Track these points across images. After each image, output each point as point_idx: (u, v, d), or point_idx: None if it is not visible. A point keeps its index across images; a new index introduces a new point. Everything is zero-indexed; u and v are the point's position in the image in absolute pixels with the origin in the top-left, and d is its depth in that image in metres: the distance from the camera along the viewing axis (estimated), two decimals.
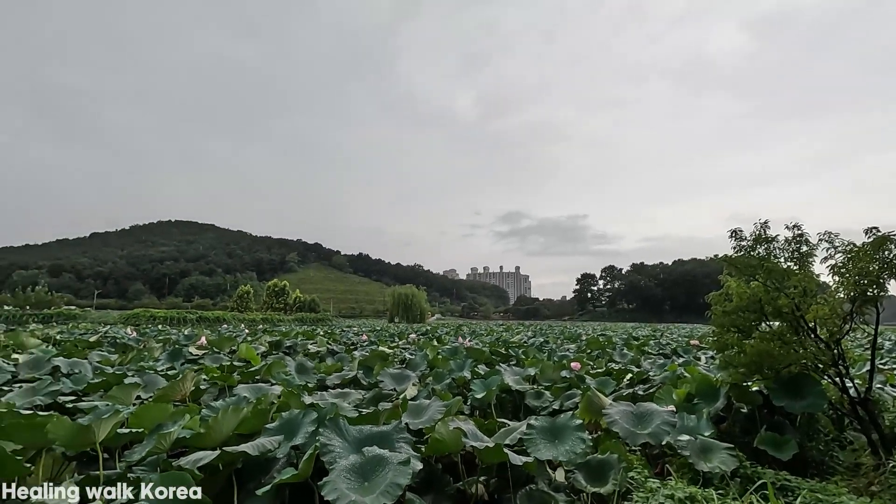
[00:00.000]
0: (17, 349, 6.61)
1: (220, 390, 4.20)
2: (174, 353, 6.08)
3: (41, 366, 4.78)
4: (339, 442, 1.87)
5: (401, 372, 4.54)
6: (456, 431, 2.22)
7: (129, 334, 11.85)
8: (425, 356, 5.78)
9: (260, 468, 2.13)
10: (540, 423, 2.45)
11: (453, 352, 6.65)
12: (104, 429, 2.10)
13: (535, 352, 7.67)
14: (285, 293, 75.85)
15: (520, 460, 2.10)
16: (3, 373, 4.33)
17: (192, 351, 6.28)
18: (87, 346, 7.66)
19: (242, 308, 65.93)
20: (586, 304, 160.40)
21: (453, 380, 4.58)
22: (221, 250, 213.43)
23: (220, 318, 43.63)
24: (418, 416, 2.66)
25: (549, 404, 4.04)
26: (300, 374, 4.75)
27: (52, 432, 2.02)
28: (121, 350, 7.50)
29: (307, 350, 7.82)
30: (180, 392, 3.65)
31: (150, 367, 5.00)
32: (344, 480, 1.57)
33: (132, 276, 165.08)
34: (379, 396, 3.87)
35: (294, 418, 2.27)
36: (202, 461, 1.86)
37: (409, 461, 1.63)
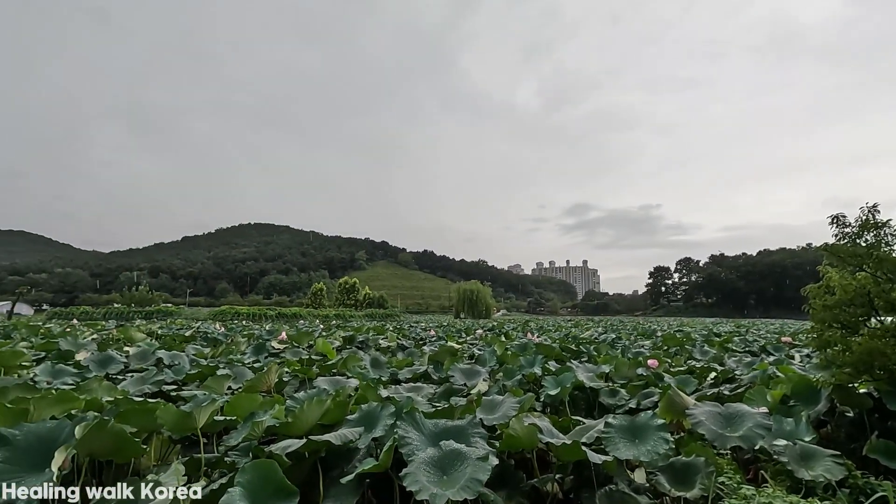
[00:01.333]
0: (126, 342, 7.37)
1: (300, 382, 4.43)
2: (258, 347, 6.52)
3: (147, 357, 5.30)
4: (416, 435, 1.92)
5: (471, 367, 4.57)
6: (531, 428, 2.20)
7: (218, 329, 12.84)
8: (494, 352, 5.77)
9: (342, 457, 2.23)
10: (618, 421, 2.36)
11: (522, 348, 6.58)
12: (204, 416, 2.29)
13: (608, 348, 7.41)
14: (355, 290, 78.75)
15: (598, 459, 2.04)
16: (117, 363, 4.84)
17: (274, 345, 6.69)
18: (184, 341, 8.39)
19: (316, 305, 69.26)
20: (660, 299, 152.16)
21: (523, 376, 4.53)
22: (296, 250, 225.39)
23: (296, 315, 46.12)
24: (492, 412, 2.66)
25: (624, 402, 3.89)
26: (374, 369, 4.91)
27: (160, 417, 2.23)
28: (212, 344, 8.15)
29: (378, 345, 8.07)
30: (266, 383, 3.91)
31: (238, 360, 5.38)
32: (424, 473, 1.61)
33: (218, 275, 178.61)
34: (450, 391, 3.91)
35: (372, 411, 2.35)
36: (290, 448, 1.98)
37: (487, 457, 1.64)
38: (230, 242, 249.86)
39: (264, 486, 1.69)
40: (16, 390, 3.11)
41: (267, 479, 1.71)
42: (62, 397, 2.35)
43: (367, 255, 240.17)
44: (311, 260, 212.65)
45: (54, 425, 1.75)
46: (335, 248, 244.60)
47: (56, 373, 4.09)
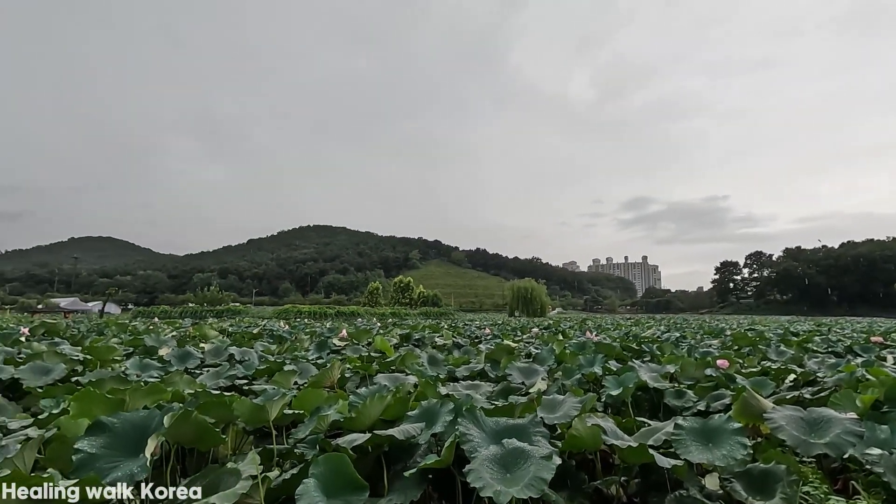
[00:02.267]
0: (201, 339, 7.90)
1: (361, 378, 4.57)
2: (321, 344, 6.77)
3: (220, 353, 5.65)
4: (477, 432, 1.92)
5: (528, 366, 4.52)
6: (595, 429, 2.14)
7: (283, 327, 13.48)
8: (552, 351, 5.67)
9: (403, 452, 2.27)
10: (689, 423, 2.25)
11: (581, 347, 6.42)
12: (275, 409, 2.41)
13: (671, 347, 7.08)
14: (410, 289, 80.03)
15: (667, 463, 1.95)
16: (194, 358, 5.20)
17: (335, 342, 6.93)
18: (252, 338, 8.87)
19: (373, 303, 71.05)
20: (728, 296, 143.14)
21: (583, 375, 4.43)
22: (353, 250, 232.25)
23: (354, 313, 47.49)
24: (553, 412, 2.62)
25: (692, 404, 3.70)
26: (431, 366, 4.97)
27: (236, 410, 2.38)
28: (277, 341, 8.56)
29: (434, 343, 8.16)
30: (329, 379, 4.06)
31: (303, 357, 5.62)
32: (487, 470, 1.61)
33: (281, 275, 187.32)
34: (508, 389, 3.89)
35: (432, 407, 2.39)
36: (356, 442, 2.05)
37: (551, 456, 1.62)
38: (291, 244, 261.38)
39: (336, 478, 1.76)
40: (111, 382, 3.42)
41: (338, 471, 1.78)
42: (152, 389, 2.56)
43: (420, 255, 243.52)
44: (367, 260, 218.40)
45: (146, 414, 1.91)
46: (390, 247, 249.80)
47: (143, 367, 4.45)
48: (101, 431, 1.77)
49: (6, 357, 4.50)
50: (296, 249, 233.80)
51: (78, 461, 1.65)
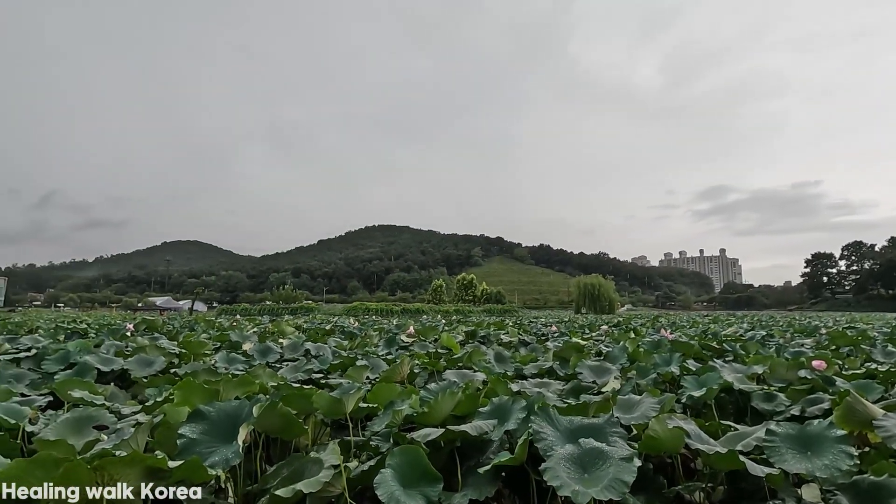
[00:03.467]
0: (280, 335, 8.39)
1: (429, 374, 4.64)
2: (389, 340, 6.96)
3: (297, 349, 5.97)
4: (551, 431, 1.89)
5: (599, 364, 4.38)
6: (676, 431, 2.04)
7: (353, 324, 14.01)
8: (623, 349, 5.46)
9: (475, 448, 2.28)
10: (784, 429, 2.08)
11: (655, 345, 6.13)
12: (351, 402, 2.51)
13: (757, 346, 6.57)
14: (473, 286, 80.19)
15: (760, 471, 1.82)
16: (274, 353, 5.54)
17: (403, 339, 7.10)
18: (325, 334, 9.29)
19: (437, 300, 71.95)
20: (821, 291, 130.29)
21: (659, 375, 4.22)
22: (416, 248, 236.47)
23: (419, 310, 48.33)
24: (628, 412, 2.52)
25: (784, 409, 3.41)
26: (498, 363, 4.95)
27: (316, 402, 2.50)
28: (348, 337, 8.92)
29: (500, 340, 8.12)
30: (399, 374, 4.16)
31: (373, 353, 5.81)
32: (563, 469, 1.58)
33: (349, 274, 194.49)
34: (578, 388, 3.79)
35: (504, 404, 2.38)
36: (429, 437, 2.08)
37: (632, 458, 1.56)
38: (358, 244, 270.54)
39: (412, 470, 1.81)
40: (203, 374, 3.73)
41: (414, 463, 1.83)
42: (242, 381, 2.76)
43: (482, 252, 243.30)
44: (430, 258, 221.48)
45: (238, 404, 2.06)
46: (452, 245, 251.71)
47: (230, 360, 4.80)
48: (201, 419, 1.94)
49: (117, 350, 5.04)
50: (362, 249, 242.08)
51: (182, 445, 1.82)
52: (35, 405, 2.93)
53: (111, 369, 4.28)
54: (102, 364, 4.26)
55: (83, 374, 3.89)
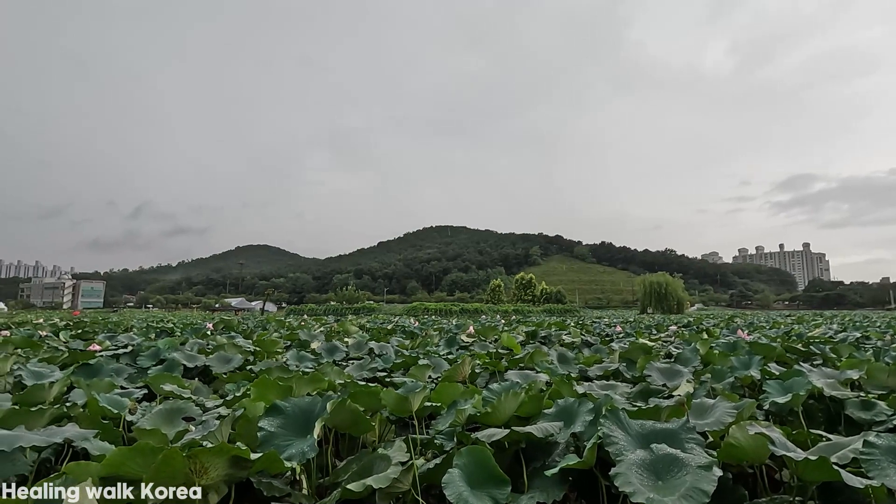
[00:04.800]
0: (344, 334, 8.70)
1: (490, 374, 4.63)
2: (449, 340, 7.02)
3: (362, 348, 6.16)
4: (621, 435, 1.83)
5: (669, 367, 4.18)
6: (759, 438, 1.90)
7: (413, 324, 14.25)
8: (695, 350, 5.17)
9: (541, 450, 2.25)
10: (886, 441, 1.89)
11: (731, 347, 5.75)
12: (416, 401, 2.56)
13: (851, 349, 5.98)
14: (532, 285, 79.07)
15: (860, 482, 1.66)
16: (340, 352, 5.75)
17: (463, 339, 7.13)
18: (387, 333, 9.52)
19: (495, 300, 71.63)
20: None
21: (736, 378, 3.96)
22: (473, 248, 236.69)
23: (477, 310, 48.31)
24: (703, 417, 2.38)
25: (885, 418, 3.08)
26: (562, 364, 4.86)
27: (383, 399, 2.58)
28: (409, 336, 9.08)
29: (562, 340, 7.95)
30: (461, 374, 4.18)
31: (434, 352, 5.88)
32: (635, 475, 1.52)
33: (408, 275, 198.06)
34: (647, 391, 3.64)
35: (569, 406, 2.33)
36: (494, 437, 2.08)
37: (711, 466, 1.47)
38: (416, 245, 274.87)
39: (479, 470, 1.82)
40: (277, 371, 3.94)
41: (481, 464, 1.83)
42: (313, 378, 2.90)
43: (541, 251, 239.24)
44: (488, 257, 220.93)
45: (311, 400, 2.16)
46: (509, 244, 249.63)
47: (300, 358, 5.04)
48: (277, 413, 2.05)
49: (199, 348, 5.44)
50: (420, 250, 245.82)
51: (262, 437, 1.94)
52: (133, 397, 3.23)
53: (195, 365, 4.63)
54: (188, 361, 4.62)
55: (172, 370, 4.24)
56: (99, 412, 2.62)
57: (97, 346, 5.38)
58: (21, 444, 1.88)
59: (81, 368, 4.03)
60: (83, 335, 8.76)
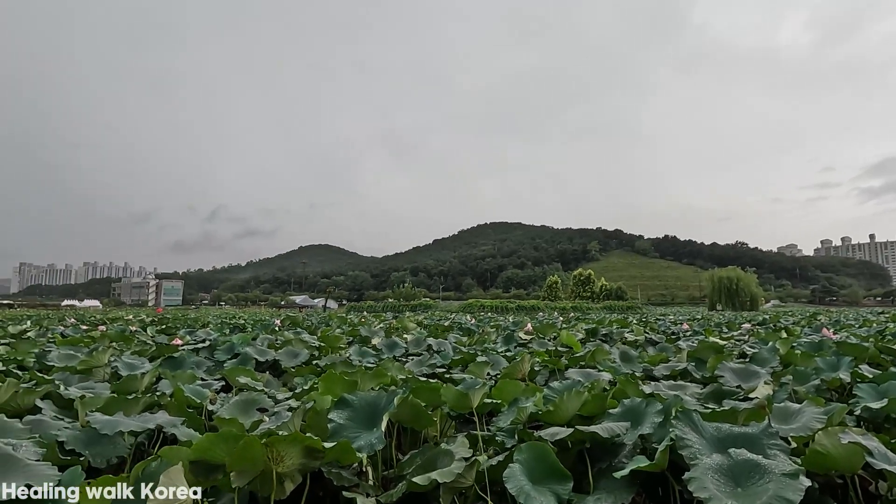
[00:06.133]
0: (403, 331, 8.87)
1: (550, 372, 4.56)
2: (507, 337, 6.98)
3: (420, 344, 6.26)
4: (695, 437, 1.74)
5: (744, 367, 3.92)
6: (853, 447, 1.75)
7: (469, 321, 14.29)
8: (774, 350, 4.82)
9: (605, 451, 2.19)
10: None
11: (816, 346, 5.31)
12: (477, 397, 2.57)
13: None
14: (590, 282, 76.96)
15: None
16: (399, 348, 5.87)
17: (521, 336, 7.06)
18: (444, 330, 9.60)
19: (552, 297, 70.35)
20: None
21: (822, 381, 3.66)
22: (529, 245, 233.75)
23: (534, 307, 47.67)
24: (786, 422, 2.22)
25: None
26: (625, 363, 4.70)
27: (444, 395, 2.61)
28: (466, 333, 9.12)
29: (624, 338, 7.68)
30: (520, 372, 4.15)
31: (492, 349, 5.87)
32: (711, 480, 1.44)
33: (463, 272, 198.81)
34: (720, 392, 3.44)
35: (636, 406, 2.25)
36: (557, 436, 2.05)
37: (797, 474, 1.37)
38: (471, 242, 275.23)
39: (540, 466, 1.80)
40: (341, 366, 4.09)
41: (542, 460, 1.82)
42: (377, 373, 2.99)
43: (599, 246, 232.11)
44: (544, 254, 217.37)
45: (376, 394, 2.23)
46: (566, 240, 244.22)
47: (362, 353, 5.20)
48: (346, 406, 2.14)
49: (269, 343, 5.75)
50: (475, 247, 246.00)
51: (332, 429, 2.02)
52: (212, 388, 3.47)
53: (266, 360, 4.90)
54: (259, 355, 4.90)
55: (245, 363, 4.52)
56: (184, 401, 2.84)
57: (179, 341, 5.83)
58: (121, 428, 2.08)
59: (167, 361, 4.38)
60: (166, 330, 9.53)
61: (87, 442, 2.14)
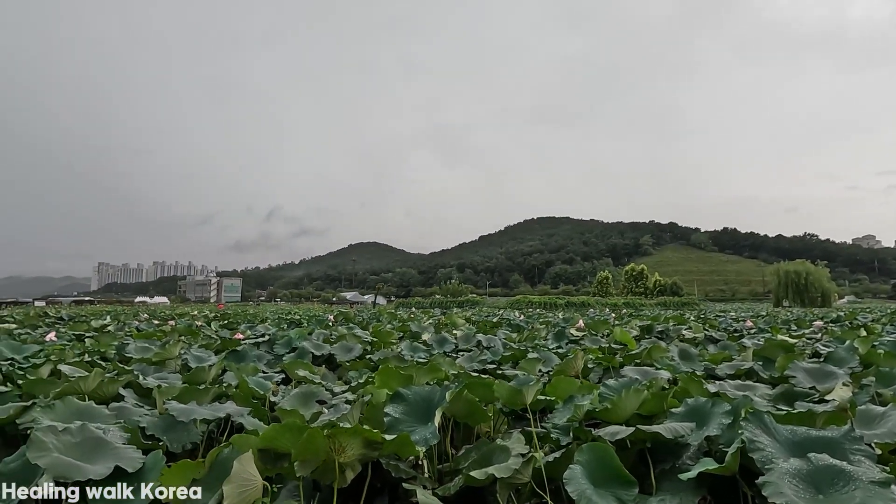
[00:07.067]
0: (452, 327, 8.92)
1: (604, 370, 4.44)
2: (558, 334, 6.86)
3: (470, 340, 6.27)
4: (768, 441, 1.64)
5: (819, 367, 3.66)
6: None
7: (518, 317, 14.17)
8: (852, 349, 4.47)
9: (668, 452, 2.11)
10: None
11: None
12: (530, 393, 2.55)
13: None
14: (643, 277, 74.33)
15: None
16: (449, 343, 5.91)
17: (573, 333, 6.92)
18: (493, 326, 9.57)
19: (603, 293, 68.55)
20: None
21: None
22: (577, 239, 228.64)
23: (584, 303, 46.64)
24: (870, 426, 2.06)
25: None
26: (684, 361, 4.51)
27: (497, 391, 2.60)
28: (516, 329, 9.04)
29: (682, 336, 7.37)
30: (574, 369, 4.07)
31: (543, 346, 5.79)
32: (789, 486, 1.36)
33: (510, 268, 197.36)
34: (791, 394, 3.23)
35: (701, 406, 2.15)
36: (618, 435, 2.00)
37: (888, 483, 1.26)
38: (518, 237, 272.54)
39: (601, 468, 1.76)
40: (393, 360, 4.17)
41: (604, 462, 1.77)
42: (430, 368, 3.03)
43: (652, 240, 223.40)
44: (594, 248, 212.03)
45: (430, 389, 2.26)
46: (617, 234, 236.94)
47: (413, 349, 5.28)
48: (401, 400, 2.18)
49: (324, 338, 5.95)
50: (522, 242, 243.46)
51: (388, 422, 2.07)
52: (273, 380, 3.64)
53: (322, 354, 5.08)
54: (315, 349, 5.08)
55: (303, 357, 4.69)
56: (249, 392, 2.99)
57: (241, 335, 6.13)
58: (195, 416, 2.22)
59: (231, 354, 4.62)
60: (228, 325, 10.06)
61: (165, 428, 2.30)
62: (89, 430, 1.83)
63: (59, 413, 2.14)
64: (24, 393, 2.90)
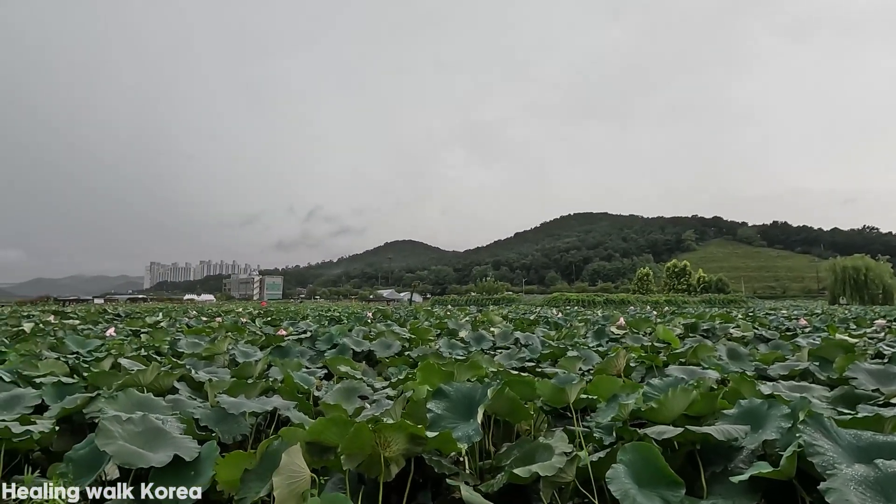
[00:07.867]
0: (489, 324, 8.90)
1: (647, 369, 4.33)
2: (598, 332, 6.73)
3: (507, 337, 6.24)
4: (829, 445, 1.56)
5: (883, 368, 3.44)
6: None
7: (556, 315, 13.98)
8: None
9: (719, 454, 2.04)
10: None
11: None
12: (573, 392, 2.51)
13: None
14: (686, 273, 71.82)
15: None
16: (487, 341, 5.90)
17: (613, 330, 6.77)
18: (531, 324, 9.49)
19: (643, 290, 66.72)
20: None
21: None
22: (616, 235, 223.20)
23: (624, 301, 45.56)
24: None
25: None
26: (732, 360, 4.34)
27: (538, 389, 2.58)
28: (554, 327, 8.93)
29: (729, 334, 7.08)
30: (615, 368, 3.98)
31: (583, 344, 5.70)
32: (855, 493, 1.28)
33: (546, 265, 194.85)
34: (852, 396, 3.05)
35: (756, 408, 2.06)
36: (665, 435, 1.94)
37: None
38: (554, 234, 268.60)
39: (646, 469, 1.72)
40: (432, 357, 4.20)
41: (649, 462, 1.73)
42: (472, 365, 3.04)
43: (695, 235, 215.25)
44: (633, 244, 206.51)
45: (471, 386, 2.26)
46: (658, 229, 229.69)
47: (451, 346, 5.30)
48: (443, 397, 2.20)
49: (364, 334, 6.06)
50: (558, 239, 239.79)
51: (431, 419, 2.09)
52: (317, 375, 3.74)
53: (362, 350, 5.17)
54: (355, 346, 5.18)
55: (344, 353, 4.80)
56: (294, 387, 3.09)
57: (284, 332, 6.33)
58: (245, 409, 2.32)
59: (275, 350, 4.78)
60: (272, 322, 10.40)
61: (217, 420, 2.41)
62: (150, 420, 1.94)
63: (122, 404, 2.28)
64: (89, 384, 3.11)
